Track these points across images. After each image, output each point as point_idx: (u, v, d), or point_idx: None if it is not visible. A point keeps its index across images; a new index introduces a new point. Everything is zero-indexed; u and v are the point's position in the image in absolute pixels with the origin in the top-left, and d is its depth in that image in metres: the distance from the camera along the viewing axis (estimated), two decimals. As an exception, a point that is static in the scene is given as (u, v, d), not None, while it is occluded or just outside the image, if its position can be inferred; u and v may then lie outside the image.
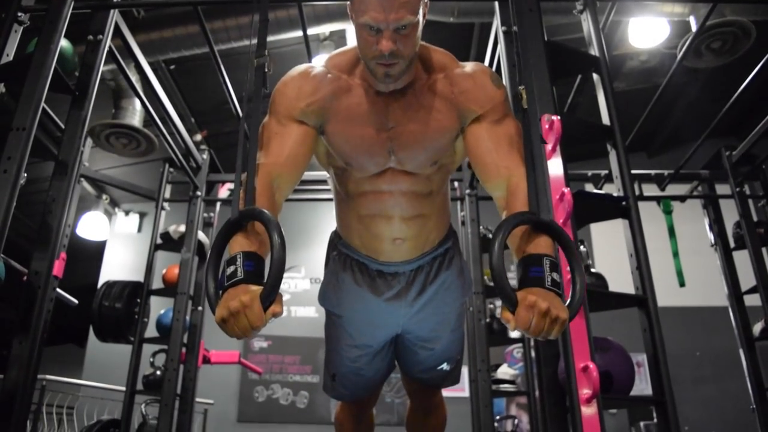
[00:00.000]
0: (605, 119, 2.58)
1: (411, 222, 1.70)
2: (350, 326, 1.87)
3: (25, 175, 2.34)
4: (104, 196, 7.55)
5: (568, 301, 1.20)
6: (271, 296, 1.13)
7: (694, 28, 4.10)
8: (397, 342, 1.93)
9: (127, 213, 8.18)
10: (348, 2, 1.45)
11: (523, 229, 1.30)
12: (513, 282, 1.17)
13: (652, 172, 4.75)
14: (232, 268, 1.18)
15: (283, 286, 6.71)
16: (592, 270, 4.01)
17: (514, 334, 4.78)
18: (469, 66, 1.60)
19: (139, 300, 4.23)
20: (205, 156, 4.71)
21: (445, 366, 1.94)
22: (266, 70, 1.50)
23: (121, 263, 7.66)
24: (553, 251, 1.26)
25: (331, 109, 1.56)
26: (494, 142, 1.51)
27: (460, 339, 1.98)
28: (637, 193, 3.01)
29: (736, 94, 3.68)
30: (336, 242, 1.90)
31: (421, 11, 1.41)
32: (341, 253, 1.86)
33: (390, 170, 1.63)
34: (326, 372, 1.98)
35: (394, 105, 1.55)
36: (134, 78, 3.64)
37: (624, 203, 2.40)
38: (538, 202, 1.32)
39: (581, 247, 3.79)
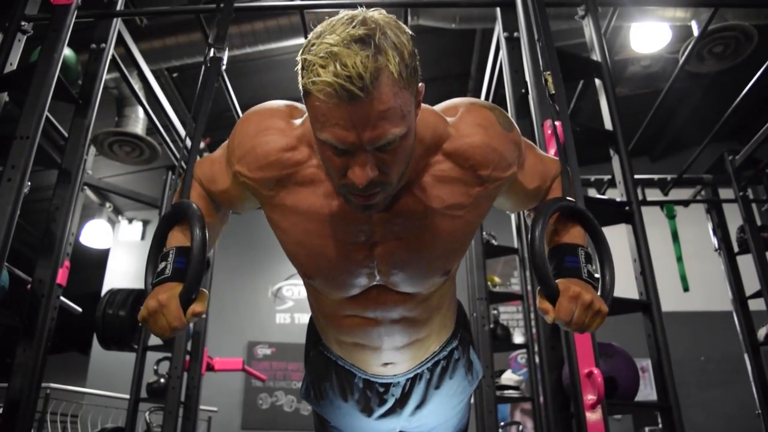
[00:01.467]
0: (608, 124, 2.58)
1: (405, 349, 1.37)
2: None
3: (29, 183, 2.35)
4: (107, 204, 7.55)
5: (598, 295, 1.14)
6: (190, 294, 1.08)
7: (696, 32, 4.10)
8: None
9: (130, 221, 8.19)
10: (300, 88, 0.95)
11: (555, 219, 1.22)
12: (516, 286, 1.14)
13: (655, 176, 4.74)
14: (162, 265, 1.13)
15: (287, 293, 6.71)
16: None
17: (518, 339, 4.77)
18: (467, 122, 1.16)
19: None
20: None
21: None
22: (222, 64, 1.41)
23: (124, 271, 7.67)
24: (586, 242, 1.20)
25: (270, 197, 1.17)
26: (538, 179, 1.28)
27: (466, 420, 1.70)
28: (640, 197, 3.00)
29: (738, 98, 3.68)
30: (315, 340, 1.54)
31: (412, 111, 0.98)
32: (322, 355, 1.51)
33: (375, 290, 1.24)
34: None
35: (380, 215, 1.12)
36: (137, 86, 3.65)
37: (627, 208, 2.39)
38: (574, 190, 1.25)
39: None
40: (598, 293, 1.13)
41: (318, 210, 1.13)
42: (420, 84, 1.00)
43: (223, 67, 1.42)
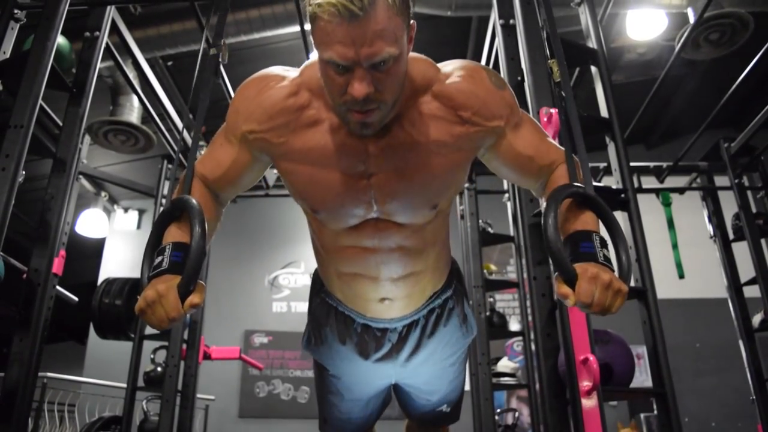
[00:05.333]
0: (603, 112, 2.58)
1: (401, 282, 1.45)
2: (337, 382, 1.70)
3: (23, 172, 2.34)
4: (103, 194, 7.53)
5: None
6: (188, 286, 1.10)
7: (692, 19, 4.09)
8: (393, 384, 1.77)
9: (126, 210, 8.16)
10: (308, 26, 1.10)
11: (566, 206, 1.22)
12: (512, 274, 1.13)
13: (651, 164, 4.75)
14: (159, 259, 1.15)
15: (283, 282, 6.70)
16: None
17: (514, 327, 4.79)
18: (456, 72, 1.27)
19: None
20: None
21: (444, 408, 1.81)
22: (220, 60, 1.44)
23: (120, 260, 7.65)
24: (599, 228, 1.20)
25: (281, 144, 1.27)
26: (531, 149, 1.32)
27: (461, 383, 1.81)
28: (636, 185, 3.01)
29: (734, 86, 3.68)
30: (318, 289, 1.65)
31: (405, 38, 1.11)
32: (324, 302, 1.62)
33: (373, 221, 1.34)
34: (319, 412, 1.84)
35: (375, 146, 1.24)
36: (132, 75, 3.63)
37: (623, 196, 2.39)
38: (584, 176, 1.25)
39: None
40: (617, 275, 1.14)
41: (323, 146, 1.24)
42: (412, 21, 1.13)
43: (224, 62, 1.44)
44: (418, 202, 1.31)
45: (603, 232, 1.18)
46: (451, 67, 1.29)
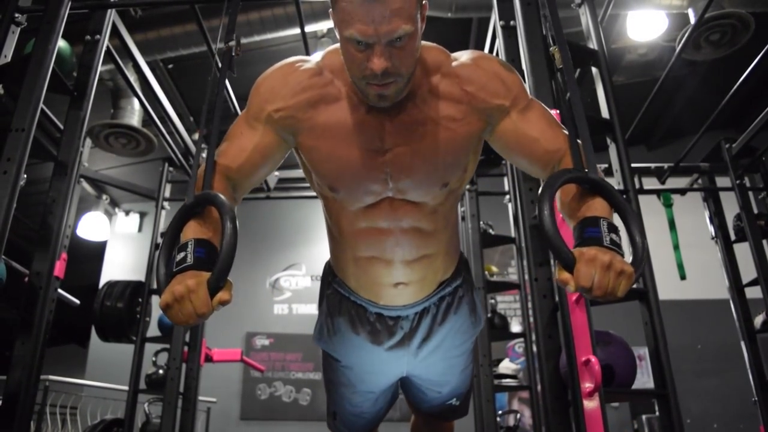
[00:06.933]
0: (605, 113, 2.58)
1: (415, 264, 1.49)
2: (349, 373, 1.70)
3: (25, 176, 2.34)
4: (104, 197, 7.54)
5: (630, 260, 1.09)
6: (219, 282, 1.08)
7: (692, 20, 4.09)
8: (402, 379, 1.78)
9: (127, 213, 8.18)
10: (330, 9, 1.19)
11: (573, 194, 1.19)
12: (513, 275, 1.12)
13: (652, 165, 4.74)
14: (182, 255, 1.12)
15: (284, 284, 6.69)
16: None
17: (516, 328, 4.78)
18: (465, 56, 1.37)
19: (140, 299, 4.23)
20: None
21: (453, 401, 1.81)
22: (233, 54, 1.44)
23: (122, 263, 7.67)
24: (610, 214, 1.14)
25: (306, 120, 1.33)
26: (537, 131, 1.33)
27: (470, 375, 1.82)
28: (637, 186, 3.01)
29: (735, 86, 3.67)
30: (330, 280, 1.67)
31: (419, 16, 1.18)
32: (336, 293, 1.64)
33: (388, 200, 1.40)
34: (328, 408, 1.84)
35: (391, 123, 1.32)
36: (132, 78, 3.63)
37: (624, 197, 2.39)
38: (588, 161, 1.21)
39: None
40: (630, 260, 1.09)
41: (344, 121, 1.32)
42: (425, 1, 1.21)
43: (235, 57, 1.45)
44: (430, 178, 1.36)
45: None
46: (461, 53, 1.39)
